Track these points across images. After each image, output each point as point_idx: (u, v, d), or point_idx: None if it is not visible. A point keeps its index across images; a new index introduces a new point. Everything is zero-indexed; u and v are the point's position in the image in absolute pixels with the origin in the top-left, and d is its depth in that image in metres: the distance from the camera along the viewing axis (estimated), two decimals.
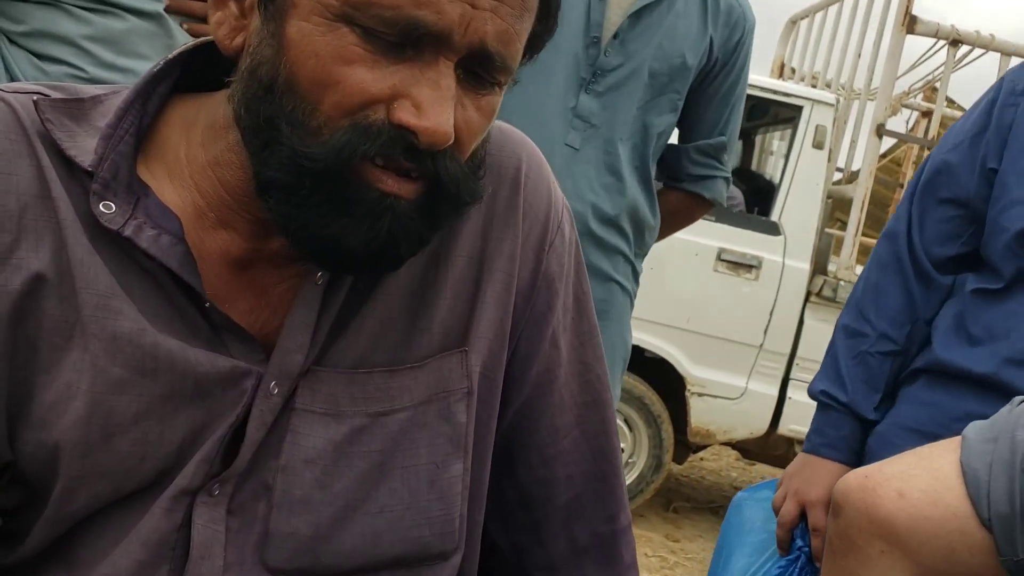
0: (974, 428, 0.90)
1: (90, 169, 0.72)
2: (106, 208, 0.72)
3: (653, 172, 2.00)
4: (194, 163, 0.76)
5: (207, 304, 0.74)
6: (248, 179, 0.73)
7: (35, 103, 0.73)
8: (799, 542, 1.49)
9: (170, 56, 0.77)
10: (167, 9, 1.45)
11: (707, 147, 2.05)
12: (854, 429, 1.49)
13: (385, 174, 0.68)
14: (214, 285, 0.76)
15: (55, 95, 0.75)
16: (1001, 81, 1.47)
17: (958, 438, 0.90)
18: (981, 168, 1.43)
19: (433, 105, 0.66)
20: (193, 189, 0.76)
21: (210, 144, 0.75)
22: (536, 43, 0.75)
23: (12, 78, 1.37)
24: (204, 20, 1.46)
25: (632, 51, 1.85)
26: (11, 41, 1.38)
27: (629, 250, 2.00)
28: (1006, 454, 0.84)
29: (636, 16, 1.85)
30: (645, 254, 2.08)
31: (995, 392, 1.31)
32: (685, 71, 1.90)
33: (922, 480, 0.88)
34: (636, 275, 2.07)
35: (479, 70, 0.70)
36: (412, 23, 0.65)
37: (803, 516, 1.50)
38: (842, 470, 1.46)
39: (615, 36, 1.84)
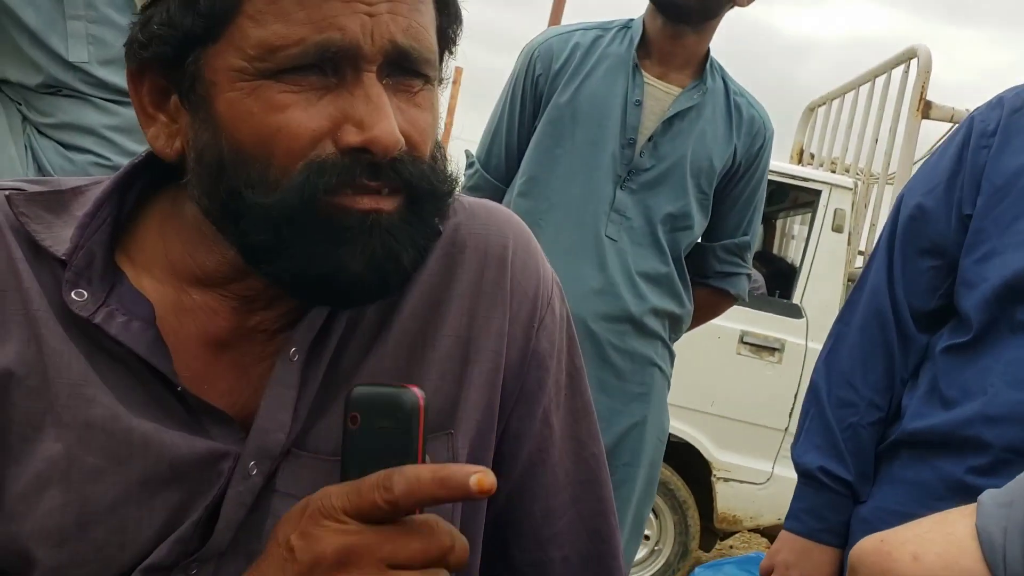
0: (989, 494, 0.89)
1: (63, 258, 0.73)
2: (78, 296, 0.72)
3: (684, 264, 2.15)
4: (172, 251, 0.77)
5: (179, 388, 0.74)
6: (226, 262, 0.75)
7: (8, 198, 0.75)
8: None
9: (151, 149, 0.78)
10: None
11: (732, 246, 2.23)
12: (851, 512, 1.41)
13: (357, 197, 0.70)
14: (192, 367, 0.76)
15: (33, 189, 0.77)
16: (971, 120, 1.40)
17: (974, 504, 0.89)
18: (957, 214, 1.37)
19: (372, 115, 0.68)
20: (172, 274, 0.77)
21: (185, 234, 0.76)
22: (448, 37, 0.77)
23: (40, 167, 1.42)
24: None
25: (664, 153, 2.02)
26: (40, 132, 1.43)
27: (666, 335, 2.13)
28: (1021, 518, 0.83)
29: (669, 122, 2.03)
30: (678, 338, 2.21)
31: (976, 454, 1.25)
32: (712, 173, 2.07)
33: (937, 544, 0.86)
34: (672, 359, 2.21)
35: (401, 71, 0.72)
36: (321, 46, 0.67)
37: None
38: (841, 556, 1.41)
39: (650, 139, 2.02)
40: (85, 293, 0.73)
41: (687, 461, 4.27)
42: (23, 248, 0.74)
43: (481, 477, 0.60)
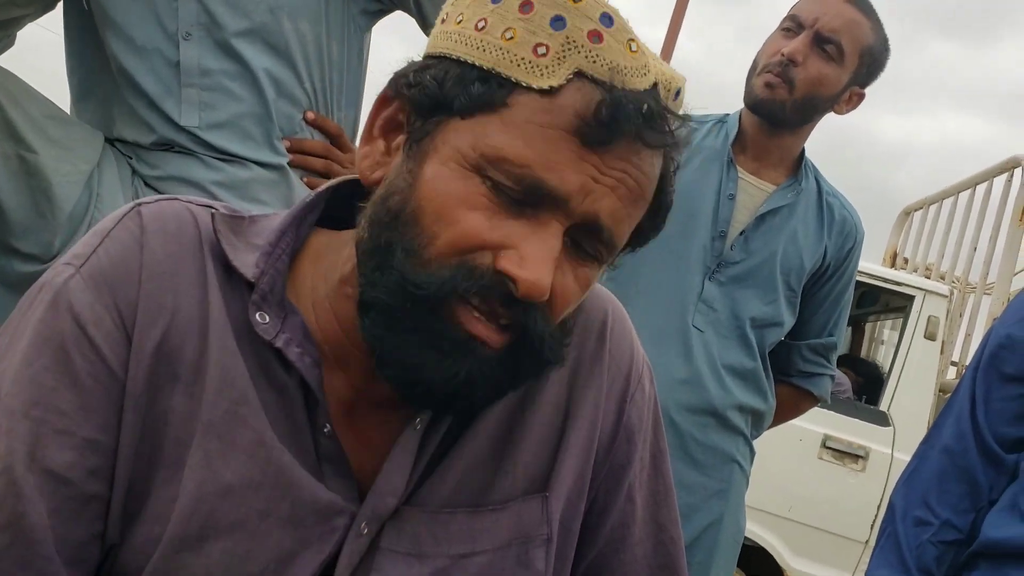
0: None
1: (252, 280, 0.77)
2: (261, 319, 0.76)
3: (768, 361, 2.11)
4: (316, 294, 0.80)
5: (326, 429, 0.77)
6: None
7: (212, 216, 0.79)
8: None
9: (320, 189, 0.83)
10: (290, 163, 1.54)
11: (818, 346, 2.18)
12: None
13: (478, 319, 0.71)
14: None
15: (224, 211, 0.81)
16: None
17: None
18: None
19: (537, 260, 0.69)
20: (314, 322, 0.80)
21: (331, 276, 0.79)
22: (640, 237, 0.78)
23: None
24: (322, 175, 1.55)
25: (755, 249, 2.01)
26: (146, 184, 1.48)
27: (748, 431, 2.09)
28: None
29: (762, 218, 2.02)
30: (759, 435, 2.16)
31: None
32: (801, 272, 2.05)
33: None
34: (753, 456, 2.16)
35: (585, 242, 0.73)
36: (537, 183, 0.69)
37: None
38: None
39: (741, 233, 2.01)
40: (267, 317, 0.76)
41: (760, 566, 4.12)
42: (214, 263, 0.77)
43: None
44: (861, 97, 2.02)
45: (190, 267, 0.76)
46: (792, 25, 1.95)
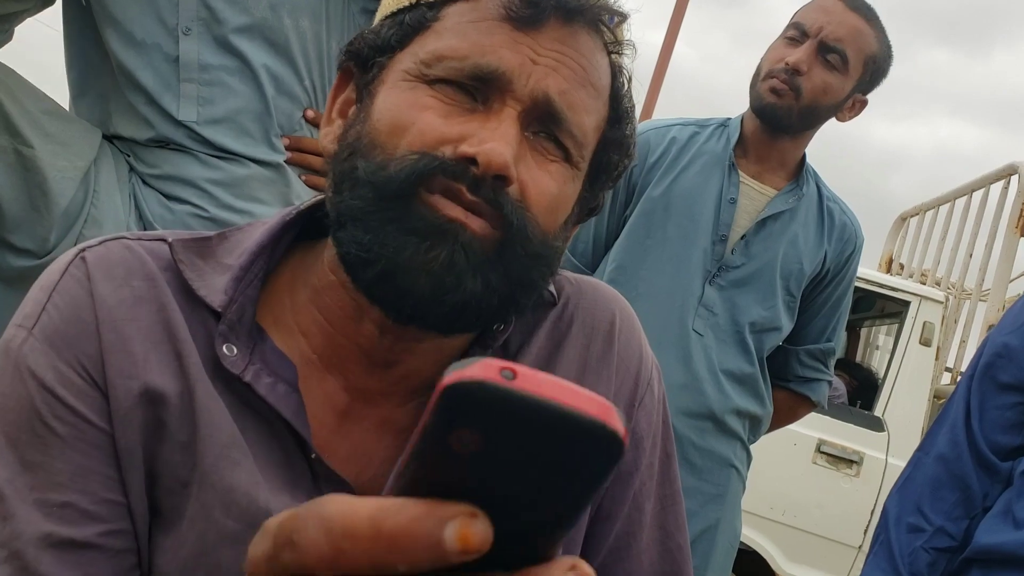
0: None
1: (219, 310, 0.73)
2: (228, 351, 0.73)
3: (766, 366, 2.11)
4: (297, 305, 0.77)
5: (313, 455, 0.74)
6: (347, 297, 0.75)
7: (170, 245, 0.76)
8: None
9: (301, 206, 0.80)
10: (288, 161, 1.53)
11: (816, 351, 2.19)
12: None
13: (450, 204, 0.70)
14: (318, 434, 0.76)
15: (184, 237, 0.78)
16: None
17: None
18: None
19: (492, 137, 0.70)
20: (298, 334, 0.77)
21: (311, 277, 0.77)
22: (612, 157, 0.79)
23: (141, 214, 1.46)
24: (321, 173, 1.54)
25: (755, 253, 2.01)
26: (144, 182, 1.47)
27: (746, 436, 2.09)
28: None
29: (762, 223, 2.02)
30: (756, 440, 2.16)
31: None
32: (801, 277, 2.05)
33: None
34: (750, 461, 2.16)
35: (545, 130, 0.74)
36: (477, 67, 0.72)
37: None
38: None
39: (742, 238, 2.01)
40: (235, 348, 0.73)
41: (753, 570, 4.12)
42: (177, 297, 0.74)
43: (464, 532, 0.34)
44: (864, 104, 2.02)
45: (149, 308, 0.73)
46: (796, 33, 1.94)
